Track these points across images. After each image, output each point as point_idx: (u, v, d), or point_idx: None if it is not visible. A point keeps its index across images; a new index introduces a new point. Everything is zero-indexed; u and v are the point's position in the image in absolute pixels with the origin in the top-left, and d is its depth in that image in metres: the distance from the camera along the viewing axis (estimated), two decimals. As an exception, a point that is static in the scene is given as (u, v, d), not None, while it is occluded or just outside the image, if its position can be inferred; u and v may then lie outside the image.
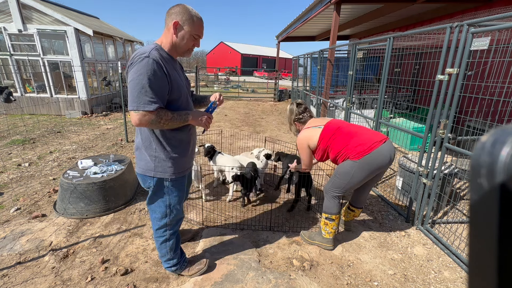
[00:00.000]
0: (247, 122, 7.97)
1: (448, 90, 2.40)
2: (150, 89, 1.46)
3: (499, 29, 2.04)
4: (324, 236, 2.44)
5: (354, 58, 4.14)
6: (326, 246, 2.46)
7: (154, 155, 1.68)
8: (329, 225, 2.39)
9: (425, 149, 2.75)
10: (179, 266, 2.06)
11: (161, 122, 1.54)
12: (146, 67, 1.44)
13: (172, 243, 1.96)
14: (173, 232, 1.94)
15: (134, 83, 1.45)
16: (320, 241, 2.47)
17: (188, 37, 1.59)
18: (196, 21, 1.57)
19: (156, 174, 1.70)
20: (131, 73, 1.47)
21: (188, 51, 1.67)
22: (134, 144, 1.77)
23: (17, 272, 2.11)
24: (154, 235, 1.96)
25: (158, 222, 1.88)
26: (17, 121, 7.25)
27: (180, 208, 1.92)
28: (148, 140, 1.67)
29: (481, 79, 3.20)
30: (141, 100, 1.46)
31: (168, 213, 1.85)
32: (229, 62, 50.41)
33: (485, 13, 5.37)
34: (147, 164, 1.70)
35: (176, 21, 1.53)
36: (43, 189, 3.47)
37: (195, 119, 1.70)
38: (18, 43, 7.93)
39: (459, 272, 2.26)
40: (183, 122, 1.65)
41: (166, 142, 1.67)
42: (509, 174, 0.21)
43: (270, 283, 2.08)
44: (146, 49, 1.51)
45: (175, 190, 1.80)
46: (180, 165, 1.76)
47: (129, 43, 11.43)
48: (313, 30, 11.17)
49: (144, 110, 1.47)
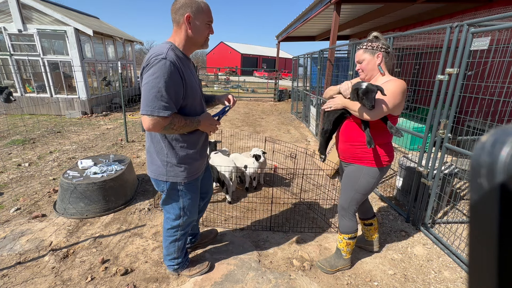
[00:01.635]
0: (247, 122, 7.97)
1: (448, 90, 2.40)
2: (166, 94, 1.40)
3: (499, 29, 2.04)
4: (345, 257, 2.20)
5: (354, 58, 4.14)
6: (348, 266, 2.26)
7: (166, 160, 1.64)
8: (351, 244, 2.15)
9: (425, 149, 2.75)
10: (181, 265, 2.07)
11: (173, 128, 1.51)
12: (163, 69, 1.38)
13: (181, 243, 1.98)
14: (184, 232, 1.95)
15: (150, 86, 1.39)
16: (344, 264, 2.23)
17: (203, 27, 1.55)
18: (204, 7, 1.53)
19: (168, 178, 1.68)
20: (147, 75, 1.41)
21: (206, 41, 1.62)
22: (145, 147, 1.76)
23: (17, 272, 2.11)
24: (164, 233, 1.95)
25: (171, 223, 1.88)
26: (17, 121, 7.25)
27: (194, 211, 1.91)
28: (159, 145, 1.63)
29: (481, 79, 3.20)
30: (155, 105, 1.40)
31: (182, 215, 1.84)
32: (229, 62, 50.42)
33: (485, 13, 5.37)
34: (159, 169, 1.66)
35: (187, 14, 1.48)
36: (43, 189, 3.47)
37: (204, 126, 1.67)
38: (18, 43, 7.93)
39: (459, 272, 2.26)
40: (194, 128, 1.63)
41: (178, 148, 1.63)
42: (509, 174, 0.21)
43: (270, 283, 2.08)
44: (162, 49, 1.43)
45: (188, 193, 1.79)
46: (193, 168, 1.74)
47: (129, 43, 11.43)
48: (313, 30, 11.17)
49: (159, 115, 1.41)
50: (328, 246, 2.54)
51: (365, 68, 1.85)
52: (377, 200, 3.44)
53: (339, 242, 2.18)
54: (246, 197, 3.39)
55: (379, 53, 1.79)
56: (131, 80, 11.79)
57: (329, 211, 3.11)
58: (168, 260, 2.05)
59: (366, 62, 1.83)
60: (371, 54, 1.81)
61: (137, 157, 4.75)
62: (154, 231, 2.67)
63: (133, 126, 7.03)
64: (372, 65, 1.83)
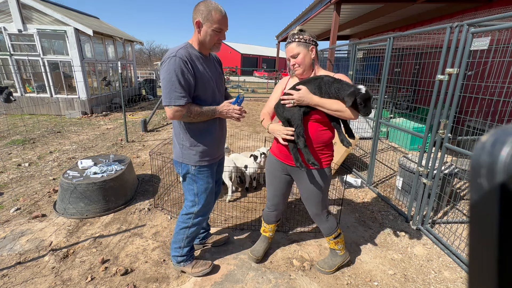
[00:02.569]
0: (247, 122, 7.96)
1: (448, 90, 2.40)
2: (179, 86, 1.61)
3: (499, 29, 2.04)
4: (341, 253, 2.20)
5: (354, 58, 4.14)
6: (347, 259, 2.25)
7: (182, 143, 1.84)
8: (340, 241, 2.16)
9: (425, 149, 2.75)
10: (185, 258, 2.09)
11: (191, 116, 1.69)
12: (173, 65, 1.59)
13: (191, 232, 2.03)
14: (197, 222, 2.02)
15: (166, 81, 1.62)
16: (342, 260, 2.22)
17: (210, 33, 1.66)
18: (214, 15, 1.62)
19: (183, 160, 1.86)
20: (162, 72, 1.63)
21: (215, 45, 1.74)
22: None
23: (17, 272, 2.11)
24: (179, 219, 2.04)
25: (188, 209, 1.99)
26: (17, 121, 7.24)
27: (208, 200, 1.99)
28: (177, 129, 1.84)
29: (481, 79, 3.20)
30: (172, 96, 1.62)
31: (196, 201, 1.95)
32: (229, 62, 50.39)
33: (485, 13, 5.37)
34: (177, 151, 1.88)
35: (197, 20, 1.63)
36: (43, 189, 3.47)
37: (222, 114, 1.80)
38: (18, 43, 7.93)
39: (459, 272, 2.26)
40: (211, 116, 1.78)
41: (189, 132, 1.81)
42: (509, 174, 0.21)
43: (270, 283, 2.08)
44: (175, 49, 1.66)
45: (200, 179, 1.90)
46: (204, 154, 1.86)
47: (129, 43, 11.42)
48: (313, 30, 11.16)
49: (175, 104, 1.62)
50: (328, 246, 2.54)
51: (302, 62, 1.74)
52: (377, 200, 3.44)
53: (328, 244, 2.21)
54: (246, 197, 3.39)
55: (312, 46, 1.73)
56: (131, 80, 11.78)
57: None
58: (173, 249, 2.08)
59: (302, 56, 1.72)
60: (305, 47, 1.72)
61: (137, 157, 4.75)
62: (154, 231, 2.67)
63: (133, 126, 7.03)
64: (309, 59, 1.74)
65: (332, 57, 5.74)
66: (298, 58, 1.73)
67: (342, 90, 1.65)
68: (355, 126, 5.01)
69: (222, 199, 3.30)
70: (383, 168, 4.45)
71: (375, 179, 3.99)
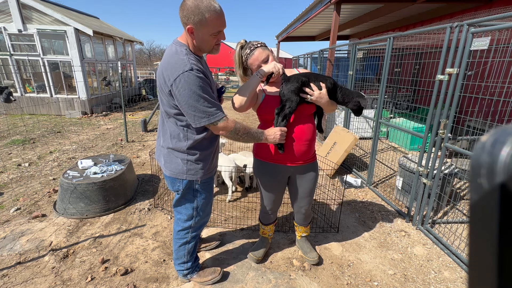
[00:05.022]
0: (247, 121, 7.96)
1: (448, 90, 2.40)
2: (209, 99, 1.48)
3: (499, 29, 2.04)
4: (308, 234, 2.39)
5: (354, 58, 4.14)
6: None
7: (186, 158, 1.64)
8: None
9: (425, 149, 2.75)
10: (191, 270, 2.01)
11: (238, 134, 1.60)
12: (194, 81, 1.41)
13: (191, 246, 1.93)
14: (195, 235, 1.91)
15: (193, 100, 1.43)
16: (311, 245, 2.38)
17: (207, 38, 1.47)
18: (209, 18, 1.39)
19: (187, 177, 1.68)
20: (184, 95, 1.42)
21: (214, 48, 1.56)
22: (160, 146, 1.73)
23: (17, 272, 2.11)
24: (174, 236, 1.91)
25: (182, 224, 1.85)
26: (17, 121, 7.25)
27: (208, 211, 1.90)
28: (179, 143, 1.62)
29: (481, 79, 3.20)
30: (209, 113, 1.48)
31: (194, 215, 1.82)
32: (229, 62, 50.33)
33: (485, 13, 5.37)
34: (177, 167, 1.66)
35: (189, 27, 1.41)
36: (43, 189, 3.47)
37: (268, 138, 1.70)
38: (18, 43, 7.94)
39: (459, 272, 2.26)
40: (257, 140, 1.70)
41: (197, 145, 1.64)
42: (509, 174, 0.21)
43: (270, 283, 2.09)
44: (184, 60, 1.43)
45: (203, 192, 1.78)
46: (210, 165, 1.76)
47: (129, 43, 11.43)
48: (313, 30, 11.16)
49: (215, 120, 1.51)
50: (328, 246, 2.54)
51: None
52: (377, 200, 3.44)
53: (305, 233, 2.34)
54: (246, 197, 3.39)
55: (270, 49, 1.78)
56: (131, 80, 11.79)
57: (329, 211, 3.11)
58: (177, 265, 2.01)
59: (272, 58, 1.75)
60: (268, 50, 1.75)
61: (137, 157, 4.75)
62: (154, 231, 2.67)
63: (133, 126, 7.03)
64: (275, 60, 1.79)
65: (332, 57, 5.73)
66: (270, 61, 1.74)
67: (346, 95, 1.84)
68: (355, 126, 5.00)
69: (222, 199, 3.30)
70: (383, 168, 4.45)
71: (375, 179, 3.99)
